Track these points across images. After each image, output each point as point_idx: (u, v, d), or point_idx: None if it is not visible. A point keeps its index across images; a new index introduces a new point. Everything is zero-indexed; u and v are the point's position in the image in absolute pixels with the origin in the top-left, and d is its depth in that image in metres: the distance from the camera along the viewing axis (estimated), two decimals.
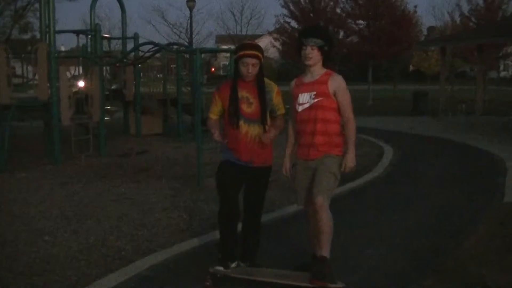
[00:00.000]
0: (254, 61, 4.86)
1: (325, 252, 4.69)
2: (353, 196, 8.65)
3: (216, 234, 6.31)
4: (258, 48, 4.95)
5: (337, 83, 4.82)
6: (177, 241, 6.27)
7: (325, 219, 4.68)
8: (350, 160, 4.83)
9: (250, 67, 4.86)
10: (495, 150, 12.89)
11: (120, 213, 7.44)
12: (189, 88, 16.84)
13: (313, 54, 4.79)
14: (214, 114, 5.09)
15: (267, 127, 4.97)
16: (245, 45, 4.99)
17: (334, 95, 4.80)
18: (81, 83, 12.69)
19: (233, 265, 5.05)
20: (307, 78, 4.92)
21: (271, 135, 4.94)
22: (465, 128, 17.78)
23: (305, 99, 4.86)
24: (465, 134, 16.20)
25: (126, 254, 5.85)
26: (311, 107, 4.82)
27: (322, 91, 4.80)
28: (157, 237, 6.43)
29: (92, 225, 6.88)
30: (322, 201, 4.66)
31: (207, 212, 7.44)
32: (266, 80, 5.04)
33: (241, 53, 4.87)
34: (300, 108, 4.89)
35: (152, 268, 5.43)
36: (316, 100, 4.80)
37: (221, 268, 4.96)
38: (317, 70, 4.88)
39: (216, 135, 4.94)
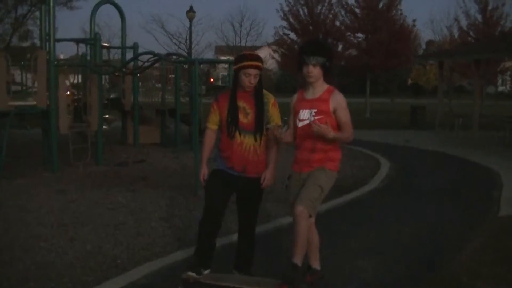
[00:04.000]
0: (256, 71, 4.88)
1: (297, 259, 4.67)
2: (349, 208, 8.68)
3: None
4: (259, 58, 4.97)
5: (337, 101, 4.83)
6: (172, 250, 6.29)
7: (303, 228, 4.64)
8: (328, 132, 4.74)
9: (252, 78, 4.87)
10: (491, 164, 12.95)
11: (116, 221, 7.46)
12: (187, 99, 16.88)
13: (315, 72, 4.79)
14: (213, 124, 5.11)
15: (262, 139, 4.99)
16: (247, 55, 4.97)
17: (334, 112, 4.82)
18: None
19: (206, 272, 5.08)
20: (309, 94, 4.92)
21: (269, 175, 5.01)
22: (462, 142, 17.84)
23: (305, 115, 4.86)
24: (461, 148, 16.25)
25: (122, 262, 5.87)
26: (310, 124, 4.86)
27: (323, 109, 4.81)
28: (152, 246, 6.45)
29: (89, 233, 6.90)
30: (301, 210, 4.63)
31: None
32: (264, 91, 5.04)
33: (244, 64, 4.86)
34: (300, 124, 4.90)
35: (147, 276, 5.45)
36: (316, 117, 4.80)
37: (193, 274, 5.00)
38: (319, 86, 4.89)
39: (202, 177, 5.08)
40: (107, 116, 15.57)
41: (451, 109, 32.96)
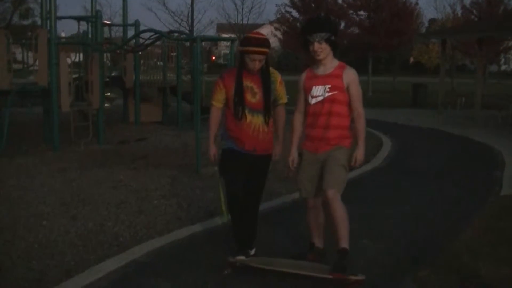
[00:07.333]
0: (261, 57, 4.82)
1: (345, 243, 4.68)
2: (351, 187, 8.60)
3: (213, 222, 6.40)
4: (265, 44, 4.84)
5: (350, 76, 4.80)
6: (174, 228, 6.30)
7: (339, 210, 4.70)
8: (360, 155, 4.84)
9: (257, 63, 4.82)
10: (493, 144, 12.92)
11: (118, 199, 7.47)
12: (189, 76, 16.82)
13: (322, 49, 4.76)
14: (218, 102, 5.07)
15: (270, 119, 5.01)
16: (253, 40, 4.82)
17: (347, 88, 4.79)
18: None
19: (252, 252, 5.08)
20: (320, 71, 4.88)
21: (278, 150, 5.11)
22: (464, 121, 17.80)
23: (319, 91, 4.83)
24: (464, 127, 16.22)
25: (124, 241, 5.88)
26: (324, 100, 4.80)
27: (336, 84, 4.78)
28: (154, 224, 6.46)
29: (90, 211, 6.90)
30: (333, 193, 4.70)
31: (205, 200, 7.47)
32: (270, 69, 5.01)
33: (249, 49, 4.77)
34: (313, 101, 4.87)
35: (149, 254, 5.46)
36: (330, 93, 4.78)
37: (242, 257, 4.94)
38: (329, 63, 4.85)
39: (211, 156, 5.13)
40: (108, 94, 15.53)
41: (454, 88, 32.92)
